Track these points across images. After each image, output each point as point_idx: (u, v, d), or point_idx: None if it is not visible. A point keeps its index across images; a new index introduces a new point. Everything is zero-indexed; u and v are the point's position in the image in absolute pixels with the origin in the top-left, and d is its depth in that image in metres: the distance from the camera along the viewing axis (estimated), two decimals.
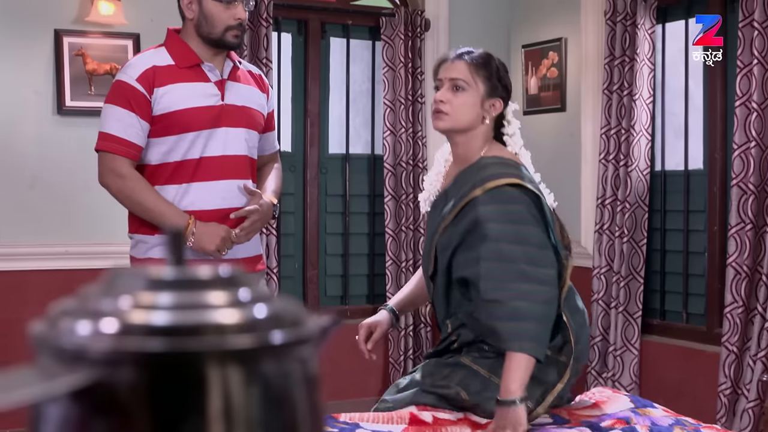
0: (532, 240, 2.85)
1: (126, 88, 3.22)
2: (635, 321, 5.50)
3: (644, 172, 5.51)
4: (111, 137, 3.23)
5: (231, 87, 3.34)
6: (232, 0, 3.26)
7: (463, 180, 2.98)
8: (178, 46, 3.32)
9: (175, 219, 3.17)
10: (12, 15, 5.24)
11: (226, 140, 3.28)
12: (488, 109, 2.99)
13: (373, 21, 6.19)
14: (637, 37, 5.50)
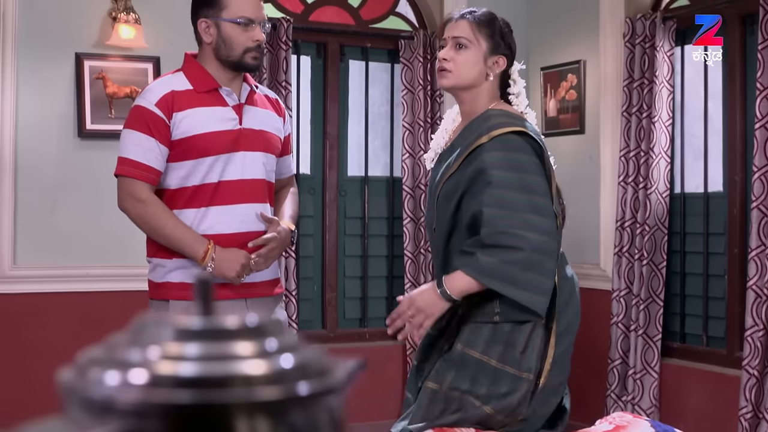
0: (536, 188, 2.92)
1: (145, 113, 3.22)
2: (655, 344, 5.47)
3: (664, 195, 5.50)
4: (131, 162, 3.22)
5: (248, 111, 3.33)
6: (250, 22, 3.25)
7: (469, 131, 3.04)
8: (196, 70, 3.31)
9: (195, 244, 3.18)
10: (34, 39, 5.27)
11: (244, 164, 3.27)
12: (491, 66, 3.08)
13: (391, 44, 6.21)
14: (656, 59, 5.49)
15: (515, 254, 2.86)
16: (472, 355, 2.94)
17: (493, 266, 2.87)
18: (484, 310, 2.97)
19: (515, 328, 2.95)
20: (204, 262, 3.16)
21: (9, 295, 5.21)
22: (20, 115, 5.23)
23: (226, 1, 3.25)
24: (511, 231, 2.86)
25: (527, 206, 2.89)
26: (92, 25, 5.39)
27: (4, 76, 5.18)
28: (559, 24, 6.24)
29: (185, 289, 3.22)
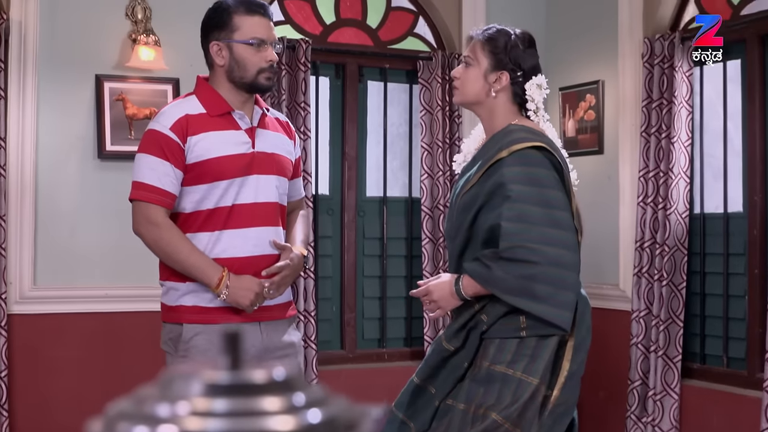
0: (555, 203, 2.97)
1: (160, 138, 3.22)
2: (675, 365, 5.45)
3: (683, 215, 5.48)
4: (146, 186, 3.21)
5: (261, 134, 3.34)
6: (263, 43, 3.26)
7: (490, 145, 3.12)
8: (209, 94, 3.31)
9: (209, 271, 3.17)
10: (55, 60, 5.30)
11: (258, 187, 3.27)
12: (493, 82, 3.14)
13: (410, 64, 6.22)
14: (675, 79, 5.48)
15: (532, 268, 2.91)
16: (498, 370, 2.98)
17: (509, 281, 2.92)
18: (511, 326, 3.01)
19: (540, 342, 2.99)
20: (218, 289, 3.16)
21: (29, 315, 5.23)
22: (41, 136, 5.26)
23: (237, 24, 3.26)
24: (529, 245, 2.91)
25: (546, 220, 2.94)
26: (112, 46, 5.42)
27: (25, 98, 5.21)
28: (577, 44, 6.24)
29: (199, 313, 3.22)
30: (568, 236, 2.99)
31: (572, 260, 2.99)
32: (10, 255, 5.18)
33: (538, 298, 2.92)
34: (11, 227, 5.18)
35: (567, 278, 2.97)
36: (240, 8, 3.26)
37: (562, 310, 2.96)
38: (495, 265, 2.94)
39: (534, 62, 3.24)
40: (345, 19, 6.19)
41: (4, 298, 5.10)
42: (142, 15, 5.41)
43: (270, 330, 3.30)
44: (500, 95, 3.18)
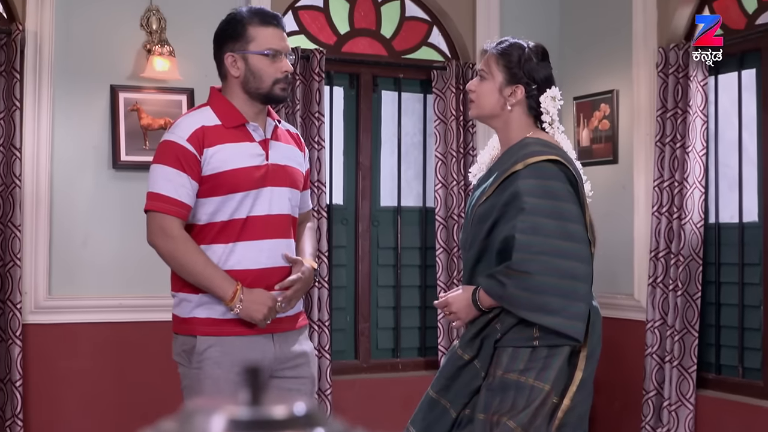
0: (568, 216, 3.01)
1: (176, 148, 3.21)
2: (690, 375, 5.42)
3: (698, 225, 5.46)
4: (161, 197, 3.20)
5: (274, 146, 3.35)
6: (277, 53, 3.27)
7: (506, 157, 3.15)
8: (223, 105, 3.31)
9: (224, 285, 3.18)
10: (70, 71, 5.32)
11: (272, 200, 3.28)
12: (508, 96, 3.17)
13: (424, 74, 6.22)
14: (690, 89, 5.46)
15: (545, 281, 2.95)
16: (512, 378, 3.02)
17: (522, 298, 2.97)
18: (524, 336, 3.04)
19: (552, 352, 3.03)
20: (232, 303, 3.16)
21: (44, 325, 5.25)
22: (56, 146, 5.28)
23: (252, 35, 3.27)
24: (541, 258, 2.95)
25: (559, 233, 2.98)
26: (127, 57, 5.44)
27: (41, 108, 5.23)
28: (591, 54, 6.23)
29: (212, 325, 3.23)
30: (581, 249, 3.02)
31: (585, 272, 3.02)
32: (25, 265, 5.19)
33: (551, 311, 2.96)
34: (26, 237, 5.19)
35: (579, 290, 3.00)
36: (254, 19, 3.28)
37: (575, 321, 3.00)
38: (509, 281, 2.98)
39: (548, 74, 3.25)
40: (359, 29, 6.20)
41: (19, 308, 5.11)
42: (156, 25, 5.43)
43: (282, 341, 3.30)
44: (516, 108, 3.20)
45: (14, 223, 5.12)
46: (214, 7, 5.54)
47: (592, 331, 3.13)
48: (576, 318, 2.99)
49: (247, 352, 3.21)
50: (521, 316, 3.00)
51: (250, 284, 3.22)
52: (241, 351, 3.21)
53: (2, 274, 5.12)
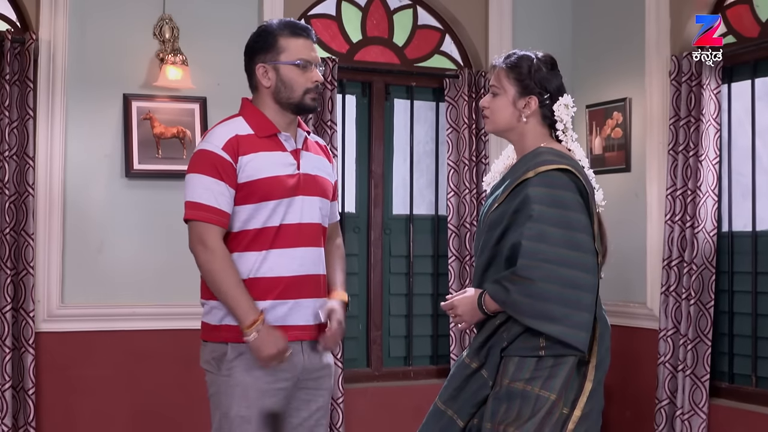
0: (576, 225, 3.02)
1: (212, 157, 3.26)
2: (703, 384, 5.40)
3: (711, 234, 5.44)
4: (201, 206, 3.25)
5: (305, 156, 3.41)
6: (308, 64, 3.34)
7: (519, 165, 3.19)
8: (255, 115, 3.38)
9: (249, 311, 3.21)
10: (83, 80, 5.33)
11: (303, 209, 3.34)
12: (523, 108, 3.21)
13: (436, 82, 6.22)
14: (703, 97, 5.45)
15: (548, 289, 2.97)
16: (518, 387, 3.03)
17: (525, 304, 2.99)
18: (530, 345, 3.05)
19: (558, 361, 3.04)
20: (250, 329, 3.19)
21: (57, 333, 5.25)
22: (69, 155, 5.30)
23: (283, 46, 3.34)
24: (545, 265, 2.97)
25: (565, 242, 2.99)
26: (140, 66, 5.45)
27: (54, 117, 5.25)
28: (604, 62, 6.22)
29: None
30: (587, 259, 3.03)
31: (589, 282, 3.02)
32: (39, 273, 5.20)
33: (553, 319, 2.97)
34: (39, 245, 5.21)
35: (583, 299, 3.01)
36: (285, 31, 3.35)
37: (578, 331, 3.00)
38: (513, 287, 3.00)
39: (558, 83, 3.28)
40: (371, 37, 6.21)
41: (32, 316, 5.12)
42: (169, 34, 5.44)
43: (310, 349, 3.36)
44: (530, 119, 3.23)
45: (27, 232, 5.13)
46: (227, 16, 5.60)
47: (601, 341, 3.14)
48: (578, 327, 3.00)
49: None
50: (524, 322, 3.02)
51: (282, 291, 3.29)
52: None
53: (15, 282, 5.13)
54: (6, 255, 5.09)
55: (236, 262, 3.28)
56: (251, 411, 3.24)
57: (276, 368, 3.26)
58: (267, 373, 3.24)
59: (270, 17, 5.62)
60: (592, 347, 3.10)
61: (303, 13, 5.94)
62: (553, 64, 3.29)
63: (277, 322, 3.28)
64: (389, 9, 6.27)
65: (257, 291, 3.27)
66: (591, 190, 3.18)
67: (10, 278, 5.09)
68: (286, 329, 3.28)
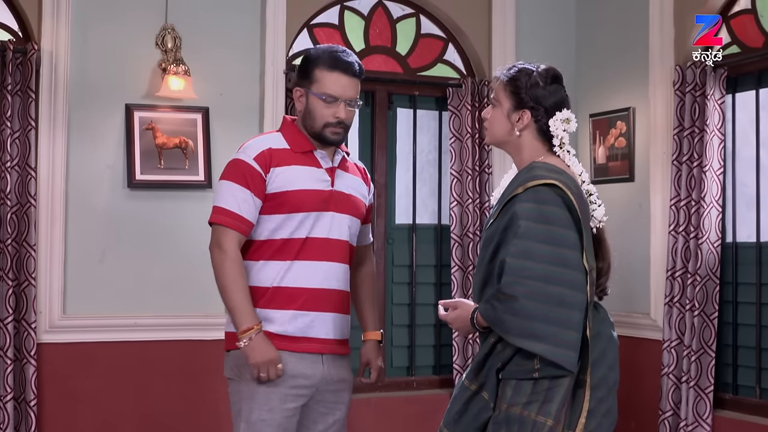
0: (563, 241, 2.96)
1: (243, 166, 3.37)
2: (707, 396, 5.38)
3: (715, 244, 5.42)
4: (224, 211, 3.35)
5: (340, 175, 3.48)
6: (335, 100, 3.38)
7: (514, 181, 3.15)
8: (293, 132, 3.47)
9: (247, 316, 3.29)
10: (85, 90, 5.32)
11: (332, 224, 3.42)
12: (516, 121, 3.18)
13: (439, 91, 6.21)
14: (707, 107, 5.43)
15: (532, 306, 2.91)
16: (515, 412, 2.99)
17: (511, 321, 2.94)
18: (525, 367, 3.00)
19: (554, 383, 2.99)
20: (242, 335, 3.27)
21: (59, 344, 5.24)
22: (71, 165, 5.29)
23: (317, 76, 3.40)
24: (529, 282, 2.92)
25: (551, 258, 2.94)
26: (142, 76, 5.44)
27: (56, 127, 5.24)
28: (607, 71, 6.19)
29: (268, 338, 3.32)
30: (574, 275, 2.96)
31: (577, 300, 2.95)
32: (40, 284, 5.19)
33: (537, 337, 2.92)
34: (41, 256, 5.20)
35: (571, 318, 2.94)
36: (323, 62, 3.40)
37: (564, 349, 2.94)
38: (499, 305, 2.96)
39: (557, 99, 3.21)
40: (374, 46, 6.19)
41: (33, 328, 5.11)
42: (172, 44, 5.43)
43: (330, 363, 3.42)
44: (525, 133, 3.19)
45: (29, 243, 5.11)
46: (230, 25, 5.59)
47: (600, 359, 3.09)
48: (565, 346, 2.94)
49: (299, 368, 3.34)
50: (510, 341, 2.97)
51: (304, 303, 3.36)
52: (294, 366, 3.33)
53: (17, 293, 5.11)
54: (8, 266, 5.08)
55: (261, 269, 3.38)
56: (273, 415, 3.31)
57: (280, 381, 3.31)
58: (288, 378, 3.31)
59: (273, 27, 5.66)
60: (587, 366, 3.04)
61: (306, 23, 5.93)
62: (555, 79, 3.23)
63: (298, 333, 3.35)
64: (392, 18, 6.25)
65: (280, 300, 3.35)
66: (583, 205, 3.10)
67: (11, 289, 5.08)
68: (306, 341, 3.36)
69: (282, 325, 3.34)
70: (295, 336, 3.34)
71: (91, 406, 5.32)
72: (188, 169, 5.43)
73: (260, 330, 3.28)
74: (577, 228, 3.02)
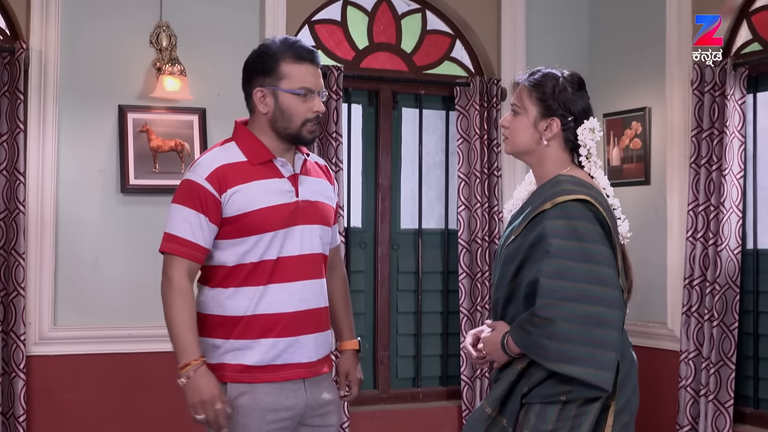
0: (598, 258, 2.87)
1: (195, 188, 3.10)
2: (726, 410, 5.22)
3: (735, 251, 5.25)
4: (175, 239, 3.11)
5: (303, 181, 3.23)
6: (310, 92, 3.14)
7: (538, 194, 3.05)
8: (249, 141, 3.19)
9: (188, 351, 3.05)
10: (75, 90, 5.21)
11: (303, 239, 3.18)
12: (544, 130, 3.05)
13: (446, 90, 6.07)
14: (727, 108, 5.26)
15: (570, 328, 2.81)
16: None
17: (548, 346, 2.83)
18: (552, 391, 2.90)
19: (582, 410, 2.89)
20: (182, 371, 3.04)
21: (48, 357, 5.15)
22: (61, 170, 5.18)
23: (285, 71, 3.14)
24: (566, 304, 2.82)
25: (587, 277, 2.83)
26: (136, 76, 5.33)
27: (45, 130, 5.13)
28: (622, 69, 6.03)
29: (243, 372, 3.13)
30: (612, 293, 2.85)
31: (614, 318, 2.84)
32: (29, 294, 5.08)
33: (576, 360, 2.81)
34: (30, 265, 5.09)
35: (609, 338, 2.84)
36: (288, 55, 3.15)
37: (603, 371, 2.83)
38: (534, 330, 2.85)
39: (584, 105, 3.09)
40: (378, 43, 6.06)
41: (22, 340, 5.00)
42: (167, 43, 5.31)
43: (313, 387, 3.23)
44: (551, 143, 3.06)
45: (18, 251, 5.00)
46: (227, 22, 5.52)
47: (625, 382, 2.98)
48: (603, 368, 2.83)
49: (280, 399, 3.14)
50: (547, 366, 2.85)
51: (284, 329, 3.15)
52: (273, 399, 3.13)
53: (5, 303, 5.00)
54: None
55: (232, 297, 3.14)
56: None
57: (274, 406, 3.13)
58: (267, 412, 3.11)
59: (272, 23, 5.52)
60: (614, 392, 2.93)
61: (307, 19, 5.80)
62: (581, 84, 3.11)
63: (278, 361, 3.13)
64: (397, 14, 6.11)
65: (257, 329, 3.12)
66: (613, 221, 3.00)
67: None
68: (286, 368, 3.15)
69: (259, 356, 3.12)
70: (275, 364, 3.14)
71: (82, 421, 5.20)
72: (184, 173, 5.24)
73: (201, 365, 3.03)
74: (609, 244, 2.91)
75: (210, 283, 3.17)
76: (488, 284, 5.82)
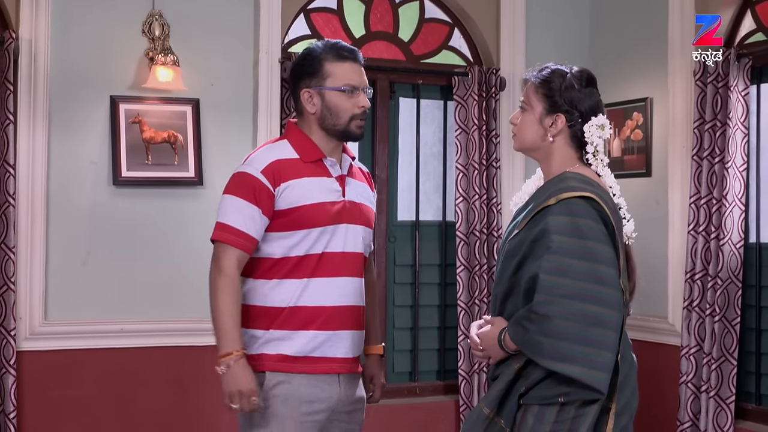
0: (599, 257, 2.87)
1: (250, 180, 3.25)
2: (728, 406, 5.17)
3: (737, 245, 5.19)
4: (228, 228, 3.24)
5: (350, 183, 3.40)
6: (355, 89, 3.31)
7: (543, 190, 3.05)
8: (301, 140, 3.35)
9: (231, 341, 3.18)
10: (67, 81, 5.14)
11: (347, 237, 3.33)
12: (548, 126, 3.06)
13: (444, 80, 6.00)
14: (730, 99, 5.19)
15: (567, 326, 2.80)
16: None
17: (544, 344, 2.82)
18: (550, 392, 2.89)
19: (580, 411, 2.87)
20: (223, 360, 3.16)
21: (39, 352, 5.10)
22: (52, 162, 5.11)
23: (329, 71, 3.31)
24: (564, 301, 2.80)
25: (587, 275, 2.82)
26: (128, 66, 5.26)
27: (36, 121, 5.06)
28: (623, 58, 5.95)
29: (282, 361, 3.25)
30: (612, 294, 2.83)
31: (613, 319, 2.83)
32: (20, 288, 5.03)
33: (572, 359, 2.79)
34: (21, 259, 5.03)
35: (606, 338, 2.82)
36: (330, 54, 3.32)
37: (598, 372, 2.81)
38: (531, 326, 2.84)
39: (593, 102, 3.07)
40: (375, 32, 6.00)
41: (13, 335, 4.95)
42: (159, 32, 5.24)
43: (346, 383, 3.35)
44: (558, 139, 3.06)
45: (8, 245, 4.94)
46: (221, 11, 5.50)
47: (625, 384, 2.96)
48: (598, 368, 2.81)
49: (315, 392, 3.27)
50: (542, 364, 2.84)
51: (324, 322, 3.27)
52: (309, 390, 3.26)
53: None
54: None
55: (275, 289, 3.27)
56: None
57: (308, 399, 3.25)
58: (303, 403, 3.24)
59: (267, 11, 5.48)
60: (614, 393, 2.91)
61: (302, 7, 5.73)
62: (589, 81, 3.09)
63: (316, 354, 3.26)
64: (394, 2, 6.04)
65: (298, 320, 3.26)
66: (617, 220, 2.97)
67: None
68: (324, 361, 3.28)
69: (298, 346, 3.24)
70: (313, 356, 3.26)
71: (74, 417, 5.15)
72: (177, 165, 5.25)
73: (241, 357, 3.16)
74: (612, 244, 2.89)
75: (254, 274, 3.28)
76: (486, 277, 5.76)
